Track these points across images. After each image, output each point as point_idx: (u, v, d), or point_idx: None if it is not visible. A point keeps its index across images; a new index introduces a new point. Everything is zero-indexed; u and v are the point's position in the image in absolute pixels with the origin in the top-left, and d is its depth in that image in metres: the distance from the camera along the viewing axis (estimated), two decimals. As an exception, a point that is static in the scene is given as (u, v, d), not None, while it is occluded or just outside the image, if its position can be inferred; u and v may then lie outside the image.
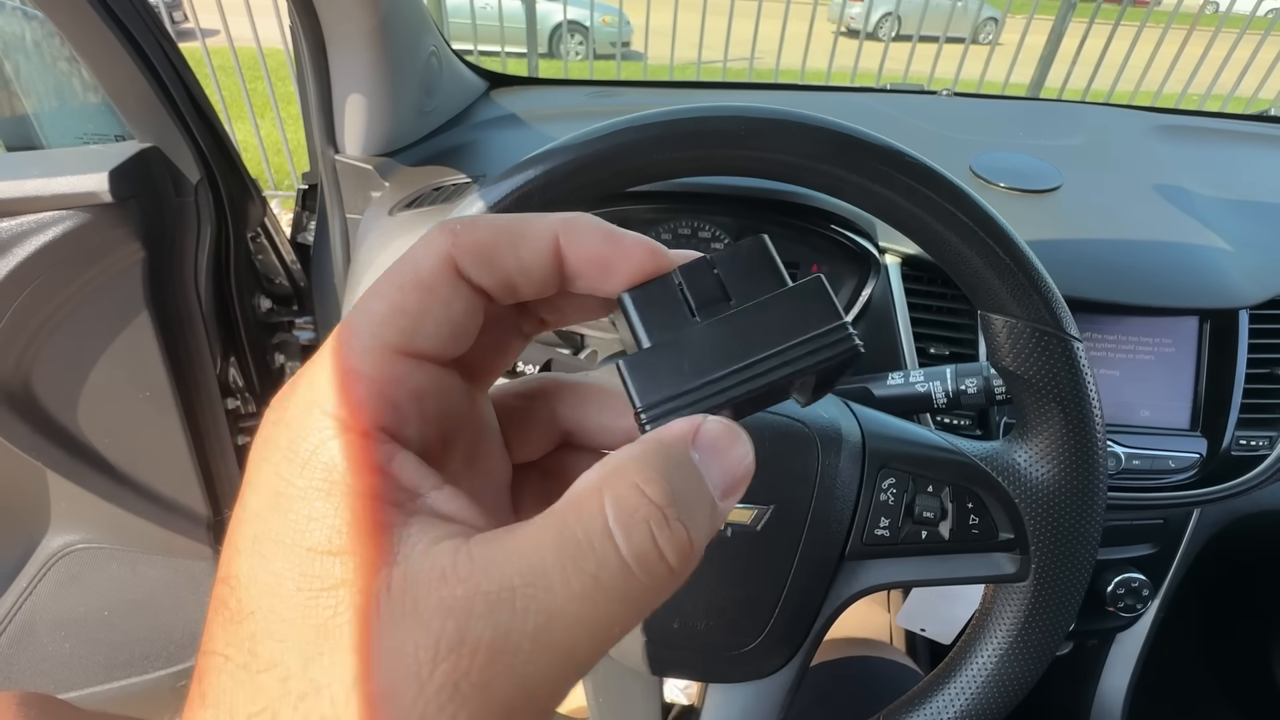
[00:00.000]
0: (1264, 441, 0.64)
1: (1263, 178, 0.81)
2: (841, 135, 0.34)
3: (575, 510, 0.14)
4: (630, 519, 0.14)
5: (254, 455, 0.15)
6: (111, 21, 0.65)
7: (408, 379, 0.16)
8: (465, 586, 0.13)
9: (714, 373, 0.17)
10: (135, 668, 0.89)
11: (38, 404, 0.73)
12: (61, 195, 0.64)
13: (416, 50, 0.79)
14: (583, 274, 0.17)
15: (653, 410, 0.17)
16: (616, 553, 0.14)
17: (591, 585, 0.13)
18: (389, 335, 0.16)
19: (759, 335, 0.17)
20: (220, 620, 0.14)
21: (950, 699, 0.40)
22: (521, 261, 0.17)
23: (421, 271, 0.16)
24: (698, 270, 0.18)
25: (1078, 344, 0.36)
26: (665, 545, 0.14)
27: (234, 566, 0.14)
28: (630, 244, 0.17)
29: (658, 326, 0.18)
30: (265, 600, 0.14)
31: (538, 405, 0.21)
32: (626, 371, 0.17)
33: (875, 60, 3.29)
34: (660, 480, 0.14)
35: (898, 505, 0.39)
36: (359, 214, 0.80)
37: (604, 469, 0.15)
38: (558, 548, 0.14)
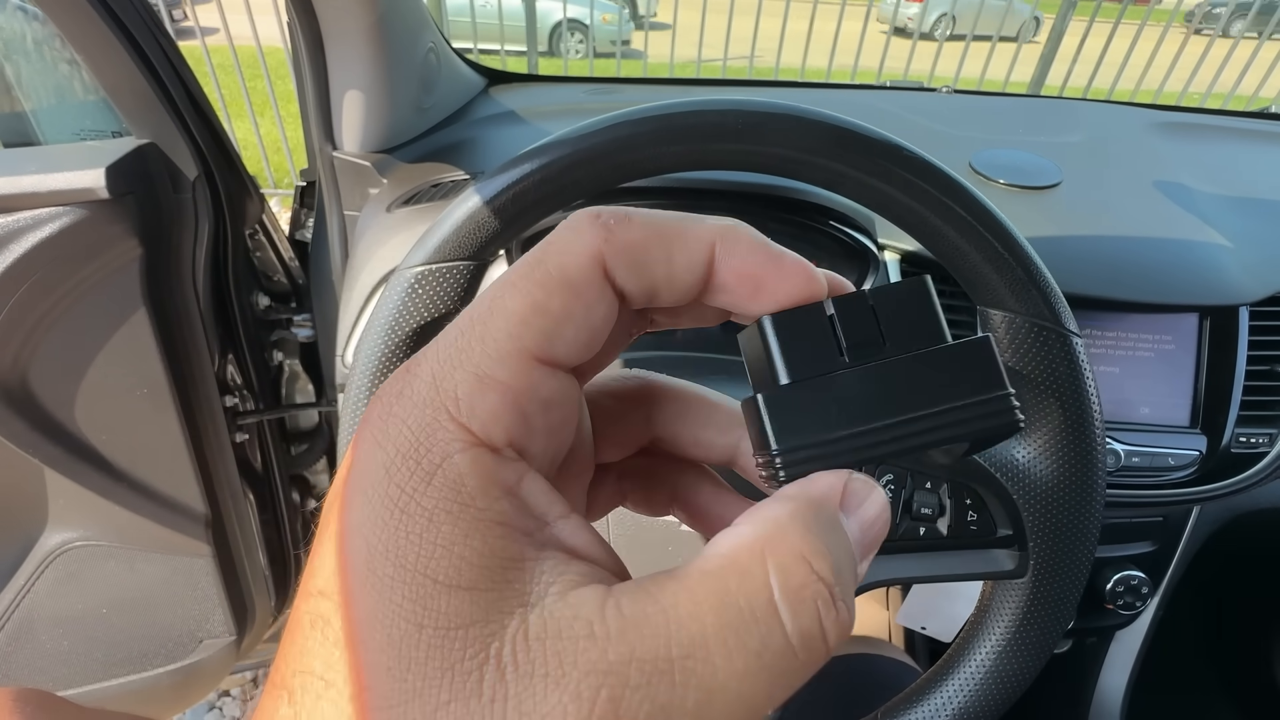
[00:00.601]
0: (1264, 439, 0.64)
1: (1263, 175, 0.81)
2: (839, 129, 0.34)
3: (739, 575, 0.13)
4: (798, 596, 0.13)
5: (364, 457, 0.14)
6: (109, 18, 0.65)
7: (540, 388, 0.14)
8: (619, 649, 0.12)
9: (863, 425, 0.16)
10: (133, 665, 0.89)
11: (35, 401, 0.73)
12: (58, 191, 0.64)
13: (415, 46, 0.79)
14: (730, 289, 0.16)
15: (791, 456, 0.16)
16: (782, 630, 0.13)
17: (755, 663, 0.13)
18: (528, 338, 0.14)
19: (916, 391, 0.16)
20: (320, 639, 0.13)
21: (948, 696, 0.40)
22: (673, 269, 0.16)
23: (569, 269, 0.15)
24: (854, 305, 0.17)
25: (1077, 339, 0.36)
26: (829, 626, 0.13)
27: (340, 582, 0.13)
28: (791, 265, 0.16)
29: (802, 361, 0.16)
30: (380, 632, 0.12)
31: (632, 409, 0.20)
32: (765, 407, 0.16)
33: (875, 59, 3.28)
34: (826, 555, 0.14)
35: (895, 501, 0.39)
36: (357, 211, 0.79)
37: (762, 531, 0.14)
38: (719, 616, 0.13)
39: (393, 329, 0.37)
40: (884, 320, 0.17)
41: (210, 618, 0.90)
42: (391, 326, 0.37)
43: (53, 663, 0.87)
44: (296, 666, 0.13)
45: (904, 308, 0.17)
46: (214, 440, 0.86)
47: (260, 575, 0.97)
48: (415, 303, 0.36)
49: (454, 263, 0.36)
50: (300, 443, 1.03)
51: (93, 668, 0.88)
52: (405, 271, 0.37)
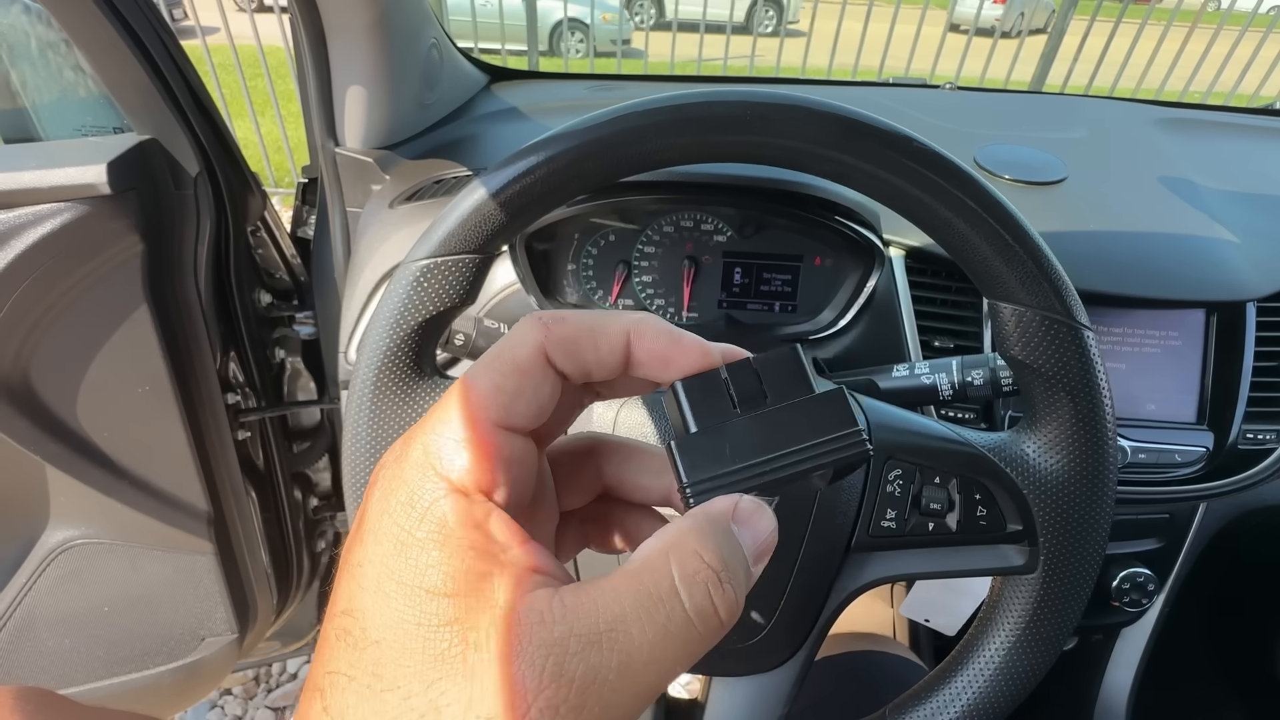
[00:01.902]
0: (1271, 435, 0.63)
1: (1269, 170, 0.80)
2: (849, 120, 0.34)
3: (648, 569, 0.17)
4: (692, 580, 0.17)
5: (374, 506, 0.18)
6: (111, 13, 0.64)
7: (503, 448, 0.19)
8: (561, 628, 0.16)
9: (749, 459, 0.20)
10: (135, 663, 0.89)
11: (36, 398, 0.73)
12: (59, 187, 0.64)
13: (417, 43, 0.79)
14: (645, 365, 0.21)
15: (697, 486, 0.20)
16: (681, 607, 0.17)
17: (662, 633, 0.17)
18: (492, 411, 0.19)
19: (788, 432, 0.21)
20: (343, 645, 0.17)
21: (957, 692, 0.39)
22: (599, 354, 0.20)
23: (520, 358, 0.20)
24: (741, 370, 0.22)
25: (1088, 332, 0.35)
26: (719, 602, 0.17)
27: (358, 601, 0.17)
28: (689, 344, 0.21)
29: (705, 414, 0.21)
30: (389, 632, 0.16)
31: (585, 462, 0.24)
32: (677, 451, 0.20)
33: (876, 58, 3.28)
34: (714, 549, 0.18)
35: (904, 497, 0.38)
36: (359, 207, 0.79)
37: (668, 537, 0.18)
38: (635, 600, 0.17)
39: (398, 323, 0.36)
40: (765, 379, 0.21)
41: (212, 616, 0.90)
42: (397, 320, 0.36)
43: (54, 661, 0.86)
44: (326, 669, 0.17)
45: (781, 368, 0.22)
46: (216, 438, 0.85)
47: (262, 573, 0.97)
48: (421, 296, 0.36)
49: (460, 256, 0.36)
50: (302, 440, 1.03)
51: (94, 666, 0.88)
52: (411, 265, 0.36)
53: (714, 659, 0.40)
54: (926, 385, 0.50)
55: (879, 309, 0.63)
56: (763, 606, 0.39)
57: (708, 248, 0.68)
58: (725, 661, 0.40)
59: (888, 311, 0.63)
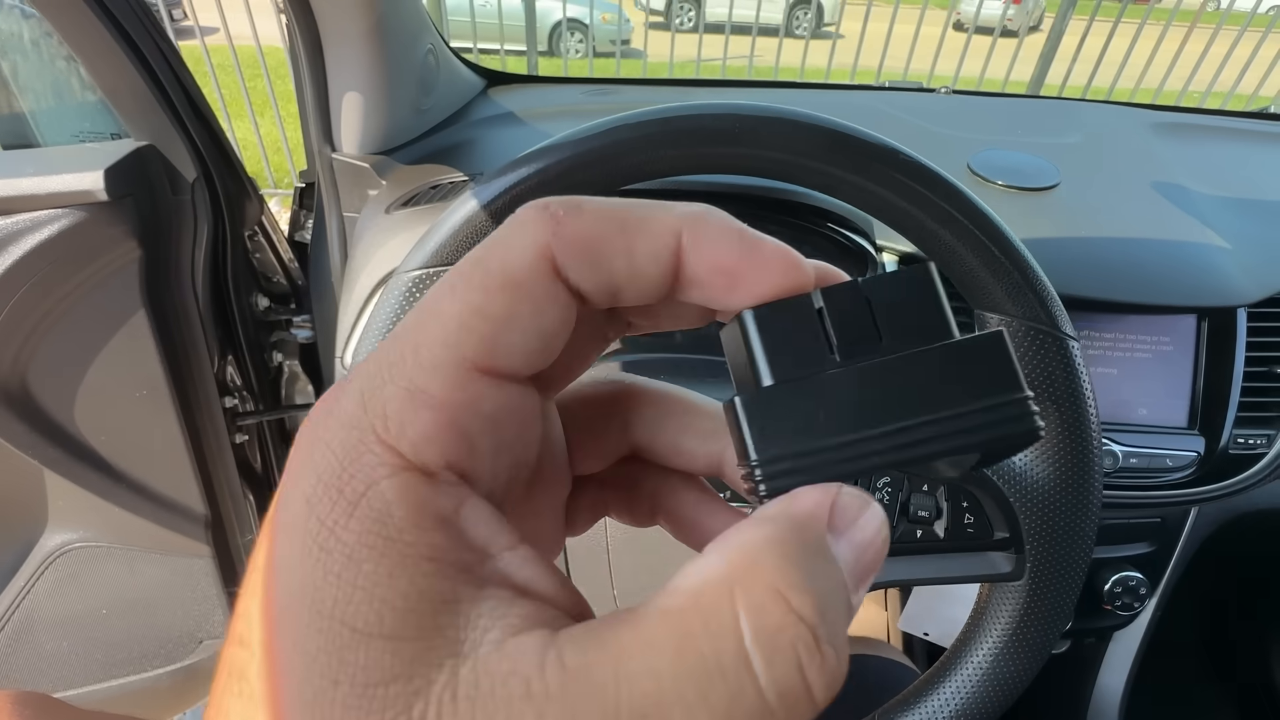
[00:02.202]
0: (1262, 440, 0.64)
1: (1262, 175, 0.81)
2: (835, 133, 0.34)
3: (702, 617, 0.11)
4: (774, 642, 0.11)
5: (287, 486, 0.12)
6: (107, 19, 0.65)
7: (483, 402, 0.13)
8: (557, 713, 0.10)
9: (856, 433, 0.14)
10: (133, 666, 0.89)
11: (34, 402, 0.73)
12: (57, 193, 0.64)
13: (413, 48, 0.79)
14: (704, 283, 0.14)
15: (774, 467, 0.14)
16: (755, 684, 0.11)
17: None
18: (467, 347, 0.12)
19: (918, 394, 0.14)
20: (233, 695, 0.11)
21: (945, 698, 0.40)
22: (634, 262, 0.13)
23: (512, 267, 0.13)
24: (845, 296, 0.15)
25: (1073, 343, 0.36)
26: (813, 676, 0.11)
27: (257, 632, 0.11)
28: (770, 253, 0.14)
29: (786, 361, 0.14)
30: (291, 690, 0.11)
31: (609, 416, 0.18)
32: (743, 412, 0.14)
33: (875, 58, 3.28)
34: (808, 590, 0.11)
35: (893, 504, 0.39)
36: (356, 212, 0.79)
37: (733, 559, 0.12)
38: (679, 669, 0.11)
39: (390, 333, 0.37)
40: (880, 314, 0.15)
41: (210, 618, 0.91)
42: (389, 330, 0.37)
43: (52, 663, 0.87)
44: (209, 716, 0.12)
45: (904, 299, 0.15)
46: (214, 441, 0.86)
47: (260, 576, 0.97)
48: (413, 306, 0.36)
49: (452, 267, 0.36)
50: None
51: (92, 668, 0.88)
52: (403, 275, 0.37)
53: None
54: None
55: (872, 315, 0.63)
56: None
57: (702, 253, 0.69)
58: None
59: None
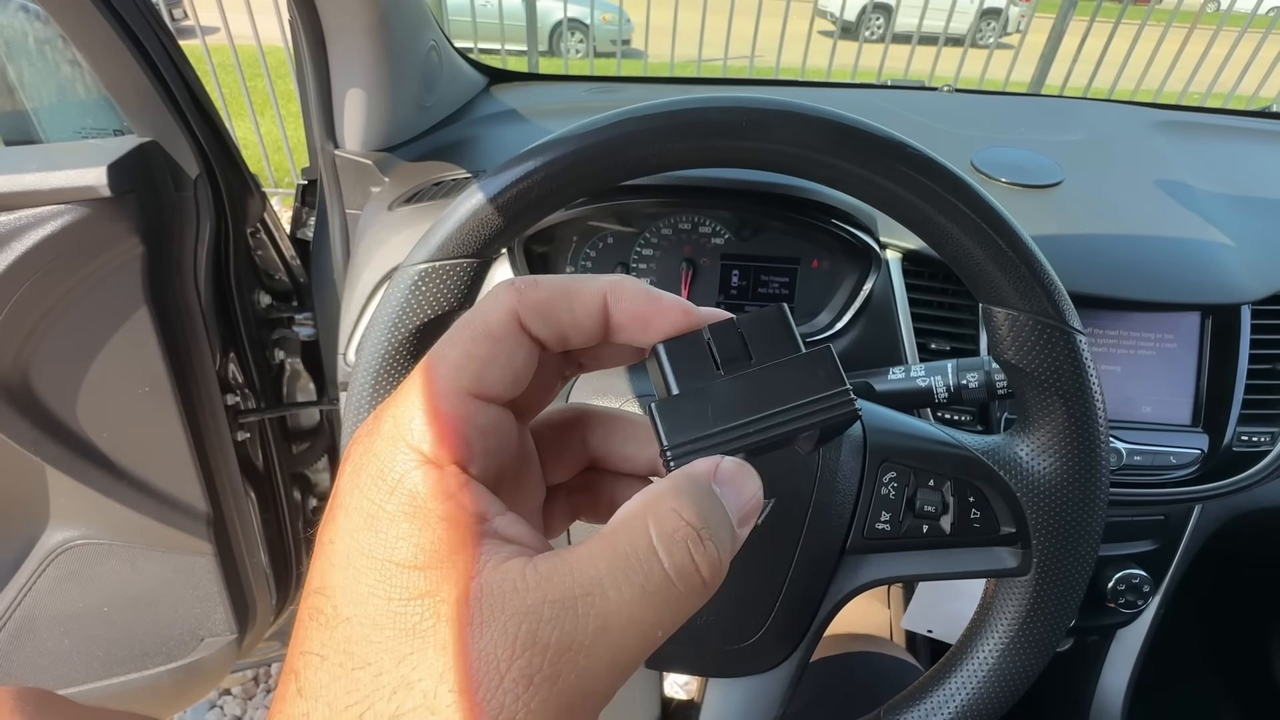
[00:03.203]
0: (1266, 437, 0.64)
1: (1265, 173, 0.80)
2: (843, 126, 0.34)
3: (624, 531, 0.17)
4: (671, 538, 0.17)
5: (345, 482, 0.18)
6: (111, 16, 0.65)
7: (477, 417, 0.18)
8: (535, 596, 0.15)
9: (732, 421, 0.20)
10: (134, 664, 0.89)
11: (36, 399, 0.73)
12: (60, 189, 0.64)
13: (416, 45, 0.79)
14: (625, 328, 0.20)
15: (678, 449, 0.19)
16: (660, 566, 0.16)
17: (640, 594, 0.16)
18: (464, 380, 0.18)
19: (773, 392, 0.20)
20: (315, 625, 0.16)
21: (950, 694, 0.40)
22: (575, 316, 0.20)
23: (492, 324, 0.19)
24: (725, 330, 0.21)
25: (1080, 337, 0.36)
26: (700, 561, 0.17)
27: (329, 579, 0.17)
28: (668, 304, 0.20)
29: (686, 376, 0.20)
30: (359, 609, 0.16)
31: (570, 434, 0.24)
32: (657, 414, 0.20)
33: (875, 59, 3.28)
34: (694, 507, 0.17)
35: (899, 499, 0.39)
36: (359, 209, 0.79)
37: (645, 498, 0.17)
38: (611, 562, 0.16)
39: (396, 326, 0.37)
40: (750, 340, 0.21)
41: (211, 616, 0.90)
42: (395, 324, 0.37)
43: (54, 661, 0.87)
44: (299, 649, 0.17)
45: (766, 329, 0.21)
46: (215, 438, 0.85)
47: (261, 574, 0.97)
48: (419, 300, 0.36)
49: (457, 260, 0.36)
50: (301, 441, 1.03)
51: (94, 666, 0.88)
52: (409, 269, 0.37)
53: (710, 660, 0.40)
54: (922, 388, 0.51)
55: (875, 311, 0.63)
56: (758, 608, 0.39)
57: (705, 250, 0.69)
58: (721, 662, 0.40)
59: (884, 314, 0.63)
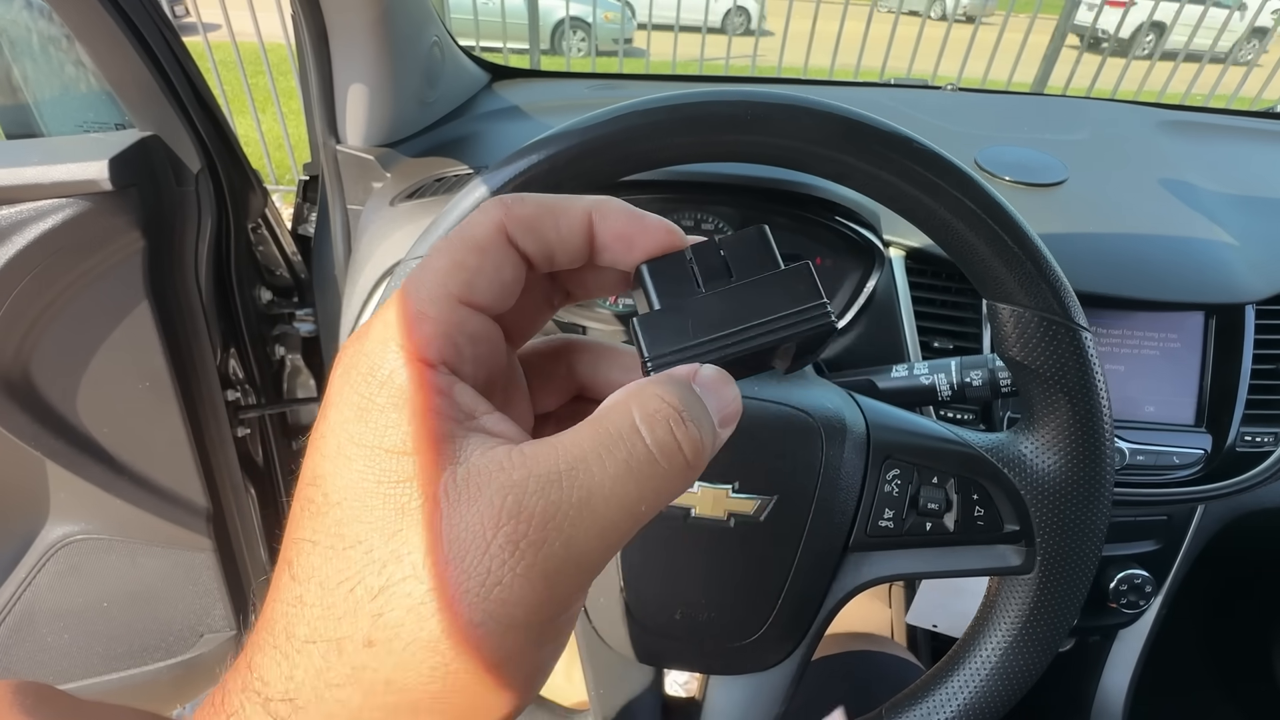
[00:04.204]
0: (1269, 438, 0.64)
1: (1269, 173, 0.80)
2: (849, 120, 0.34)
3: (609, 413, 0.17)
4: (653, 418, 0.17)
5: (336, 380, 0.18)
6: (113, 9, 0.65)
7: (465, 323, 0.19)
8: (520, 472, 0.16)
9: (712, 333, 0.20)
10: (134, 659, 0.89)
11: (37, 393, 0.73)
12: (61, 183, 0.64)
13: (419, 40, 0.79)
14: (610, 247, 0.21)
15: (659, 360, 0.20)
16: (643, 443, 0.17)
17: (623, 469, 0.17)
18: (452, 285, 0.18)
19: (752, 306, 0.21)
20: (308, 514, 0.17)
21: (953, 692, 0.40)
22: (560, 233, 0.20)
23: (479, 236, 0.19)
24: (706, 249, 0.21)
25: (1086, 334, 0.36)
26: (682, 439, 0.17)
27: (320, 469, 0.17)
28: (652, 223, 0.21)
29: (668, 293, 0.21)
30: (350, 493, 0.16)
31: (558, 363, 0.24)
32: (639, 327, 0.21)
33: (878, 59, 3.28)
34: (675, 394, 0.18)
35: (902, 497, 0.38)
36: (360, 205, 0.79)
37: (629, 388, 0.18)
38: (595, 440, 0.17)
39: None
40: (731, 259, 0.21)
41: (211, 612, 0.90)
42: None
43: (53, 656, 0.87)
44: (292, 537, 0.17)
45: (747, 249, 0.21)
46: (215, 434, 0.85)
47: (261, 570, 0.97)
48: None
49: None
50: (302, 437, 1.03)
51: (93, 661, 0.88)
52: (411, 262, 0.37)
53: (711, 657, 0.40)
54: (925, 386, 0.50)
55: (878, 309, 0.63)
56: (760, 605, 0.39)
57: (708, 247, 0.68)
58: (722, 660, 0.40)
59: (887, 312, 0.63)
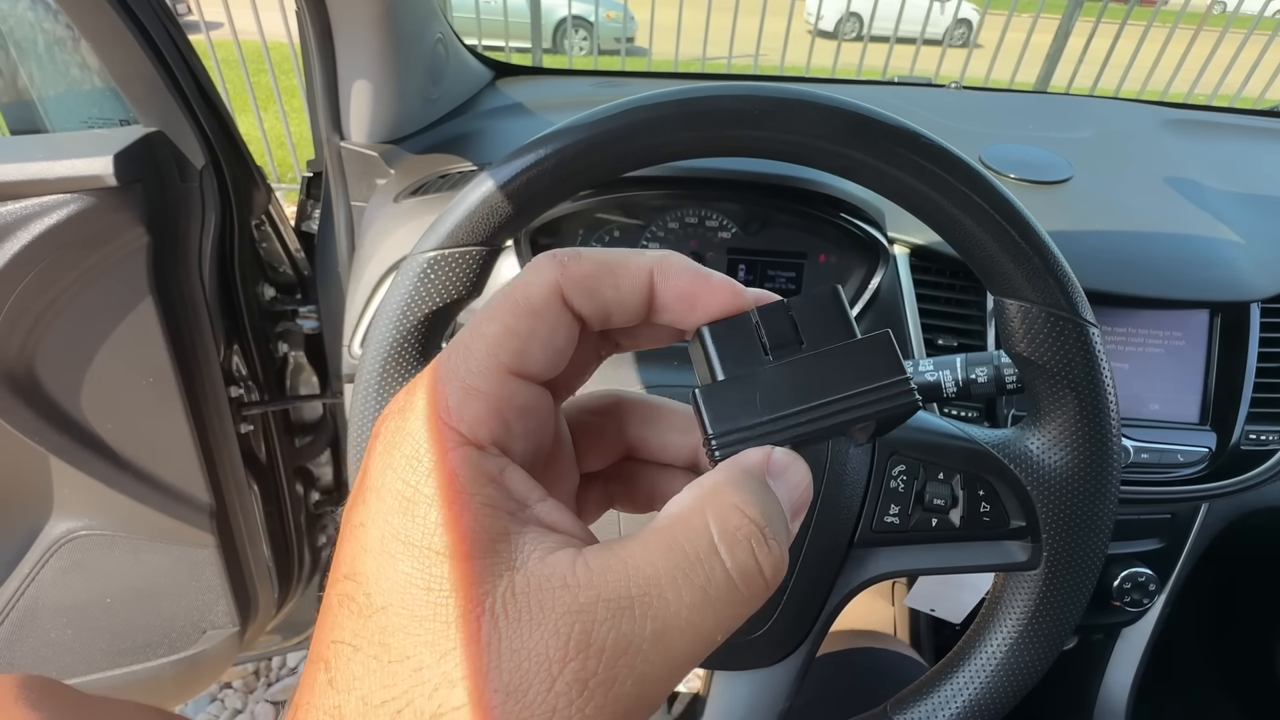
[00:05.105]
0: (1274, 436, 0.63)
1: (1274, 172, 0.80)
2: (856, 115, 0.34)
3: (683, 527, 0.16)
4: (734, 536, 0.16)
5: (376, 461, 0.16)
6: (118, 5, 0.65)
7: (516, 396, 0.17)
8: (587, 593, 0.14)
9: (782, 410, 0.19)
10: (138, 655, 0.89)
11: (41, 389, 0.73)
12: (66, 178, 0.64)
13: (423, 37, 0.79)
14: (670, 308, 0.19)
15: (724, 439, 0.18)
16: (722, 567, 0.15)
17: (701, 596, 0.15)
18: (503, 355, 0.17)
19: (827, 380, 0.19)
20: (347, 613, 0.15)
21: (958, 688, 0.40)
22: (620, 293, 0.19)
23: (533, 298, 0.18)
24: (774, 312, 0.20)
25: (1094, 329, 0.35)
26: (764, 561, 0.16)
27: (361, 564, 0.15)
28: (718, 284, 0.19)
29: (733, 361, 0.19)
30: (396, 597, 0.15)
31: (606, 421, 0.23)
32: (702, 400, 0.19)
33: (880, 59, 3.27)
34: (755, 504, 0.16)
35: (908, 492, 0.38)
36: (364, 201, 0.79)
37: (701, 491, 0.17)
38: (669, 561, 0.15)
39: (404, 314, 0.36)
40: (801, 324, 0.20)
41: (214, 608, 0.90)
42: (403, 312, 0.36)
43: (57, 652, 0.87)
44: (329, 638, 0.16)
45: (818, 312, 0.20)
46: (219, 431, 0.85)
47: (264, 567, 0.97)
48: (427, 288, 0.36)
49: (466, 248, 0.36)
50: (305, 435, 1.03)
51: (96, 657, 0.88)
52: (417, 257, 0.37)
53: (716, 652, 0.40)
54: (930, 382, 0.50)
55: (883, 307, 0.63)
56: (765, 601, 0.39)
57: (712, 244, 0.68)
58: (727, 655, 0.40)
59: (892, 309, 0.63)
